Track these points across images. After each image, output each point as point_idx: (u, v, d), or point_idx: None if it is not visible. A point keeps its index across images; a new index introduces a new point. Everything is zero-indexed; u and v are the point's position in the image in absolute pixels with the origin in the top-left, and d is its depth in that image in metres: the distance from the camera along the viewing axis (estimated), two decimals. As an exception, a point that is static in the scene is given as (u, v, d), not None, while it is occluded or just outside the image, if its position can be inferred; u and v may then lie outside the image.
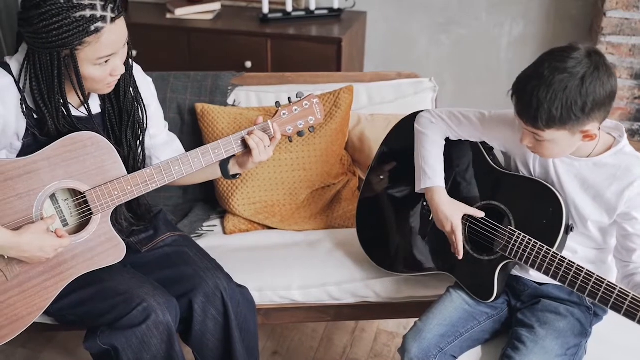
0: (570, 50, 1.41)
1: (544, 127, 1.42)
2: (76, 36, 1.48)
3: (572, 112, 1.38)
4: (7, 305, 1.63)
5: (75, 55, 1.51)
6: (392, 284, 1.95)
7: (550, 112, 1.39)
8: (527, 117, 1.43)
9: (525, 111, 1.43)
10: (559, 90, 1.37)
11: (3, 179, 1.59)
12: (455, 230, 1.65)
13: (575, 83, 1.37)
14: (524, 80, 1.43)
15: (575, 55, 1.39)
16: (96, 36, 1.49)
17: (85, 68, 1.55)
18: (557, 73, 1.38)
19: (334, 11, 3.22)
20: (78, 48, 1.50)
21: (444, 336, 1.63)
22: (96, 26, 1.48)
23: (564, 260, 1.51)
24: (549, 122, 1.40)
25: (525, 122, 1.45)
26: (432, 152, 1.71)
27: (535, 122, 1.41)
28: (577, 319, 1.61)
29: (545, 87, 1.38)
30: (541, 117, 1.40)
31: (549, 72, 1.39)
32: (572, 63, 1.38)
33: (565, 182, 1.58)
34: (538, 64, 1.43)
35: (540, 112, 1.39)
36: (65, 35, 1.47)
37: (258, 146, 1.75)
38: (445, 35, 3.30)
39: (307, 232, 2.16)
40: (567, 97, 1.37)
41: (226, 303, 1.81)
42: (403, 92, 2.35)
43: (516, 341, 1.58)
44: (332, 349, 2.41)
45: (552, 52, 1.44)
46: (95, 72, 1.56)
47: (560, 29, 3.13)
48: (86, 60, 1.53)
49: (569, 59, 1.39)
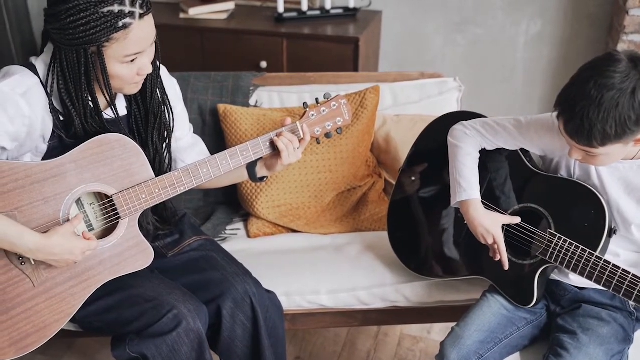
0: (613, 63, 1.35)
1: (598, 146, 1.38)
2: (104, 32, 1.44)
3: (626, 127, 1.34)
4: (34, 312, 1.58)
5: (102, 52, 1.47)
6: (422, 289, 1.92)
7: (605, 131, 1.34)
8: (579, 138, 1.38)
9: (577, 133, 1.38)
10: (611, 109, 1.32)
11: (30, 182, 1.55)
12: (498, 242, 1.61)
13: (627, 98, 1.32)
14: (571, 101, 1.37)
15: (620, 69, 1.34)
16: (124, 32, 1.45)
17: (112, 66, 1.51)
18: (605, 91, 1.33)
19: (349, 10, 3.18)
20: (105, 45, 1.46)
21: (483, 342, 1.59)
22: (124, 22, 1.44)
23: (608, 264, 1.48)
24: (604, 140, 1.36)
25: (577, 142, 1.40)
26: (466, 165, 1.67)
27: (590, 142, 1.37)
28: (620, 324, 1.58)
29: (596, 107, 1.33)
30: (595, 137, 1.36)
31: (597, 91, 1.33)
32: (619, 78, 1.33)
33: (608, 185, 1.54)
34: (582, 82, 1.37)
35: (594, 133, 1.35)
36: (92, 31, 1.43)
37: (287, 148, 1.71)
38: (461, 35, 3.26)
39: (333, 235, 2.12)
40: (620, 114, 1.32)
41: (255, 309, 1.77)
42: (428, 92, 2.31)
43: (558, 347, 1.54)
44: (356, 354, 2.37)
45: (595, 67, 1.37)
46: (122, 71, 1.52)
47: (578, 28, 3.10)
48: (113, 57, 1.49)
49: (615, 74, 1.33)
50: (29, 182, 1.55)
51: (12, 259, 1.54)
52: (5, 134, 1.52)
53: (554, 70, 3.23)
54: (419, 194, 1.91)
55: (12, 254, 1.53)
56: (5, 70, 1.58)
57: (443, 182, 1.80)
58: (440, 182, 1.82)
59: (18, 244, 1.47)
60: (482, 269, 1.73)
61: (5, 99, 1.51)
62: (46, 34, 1.62)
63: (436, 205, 1.85)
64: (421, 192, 1.90)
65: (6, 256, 1.54)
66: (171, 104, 1.77)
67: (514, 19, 3.16)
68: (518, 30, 3.18)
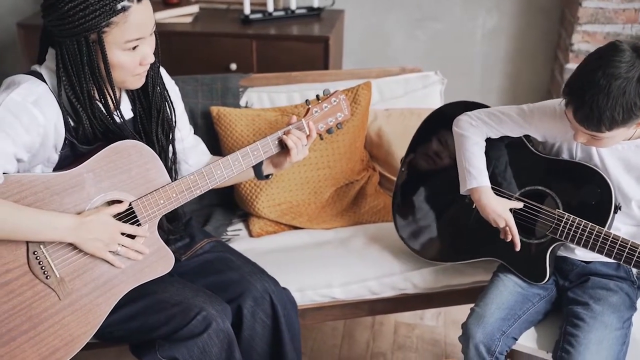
0: (618, 53, 1.45)
1: (606, 130, 1.49)
2: (103, 16, 1.43)
3: (632, 112, 1.45)
4: (61, 325, 1.55)
5: (102, 39, 1.46)
6: (429, 275, 1.99)
7: (613, 117, 1.45)
8: (588, 124, 1.49)
9: (587, 120, 1.48)
10: (619, 96, 1.43)
11: (49, 194, 1.52)
12: (510, 225, 1.70)
13: (633, 86, 1.43)
14: (580, 90, 1.48)
15: (625, 59, 1.44)
16: (123, 15, 1.45)
17: (114, 54, 1.49)
18: (613, 80, 1.43)
19: (313, 10, 3.23)
20: (105, 30, 1.45)
21: (505, 319, 1.68)
22: (123, 5, 1.44)
23: (617, 239, 1.59)
24: (612, 125, 1.47)
25: (586, 127, 1.51)
26: (475, 153, 1.75)
27: (599, 127, 1.48)
28: (625, 293, 1.70)
29: (605, 96, 1.44)
30: (604, 123, 1.47)
31: (605, 80, 1.44)
32: (625, 67, 1.44)
33: (609, 165, 1.66)
34: (591, 71, 1.47)
35: (603, 119, 1.46)
36: (91, 15, 1.42)
37: (297, 145, 1.75)
38: (422, 31, 3.37)
39: (336, 229, 2.17)
40: (627, 100, 1.44)
41: (275, 306, 1.79)
42: (412, 86, 2.39)
43: (574, 319, 1.64)
44: (356, 345, 2.42)
45: (601, 58, 1.48)
46: (124, 59, 1.51)
47: (532, 20, 3.27)
48: (114, 44, 1.48)
49: (622, 64, 1.44)
50: (49, 194, 1.52)
51: (37, 273, 1.50)
52: (22, 144, 1.49)
53: (511, 62, 3.38)
54: (423, 181, 1.98)
55: (36, 268, 1.50)
56: (9, 81, 1.55)
57: (447, 170, 1.88)
58: (445, 169, 1.90)
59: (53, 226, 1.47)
60: (493, 250, 1.81)
61: (18, 109, 1.48)
62: (43, 39, 1.60)
63: (442, 192, 1.93)
64: (426, 179, 1.98)
65: (30, 271, 1.50)
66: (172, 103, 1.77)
67: (471, 14, 3.29)
68: (475, 24, 3.32)
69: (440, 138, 1.93)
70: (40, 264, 1.51)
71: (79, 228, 1.51)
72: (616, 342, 1.59)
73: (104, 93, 1.56)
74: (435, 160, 1.96)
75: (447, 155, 1.91)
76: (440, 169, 1.94)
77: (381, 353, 2.38)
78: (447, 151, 1.90)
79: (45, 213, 1.48)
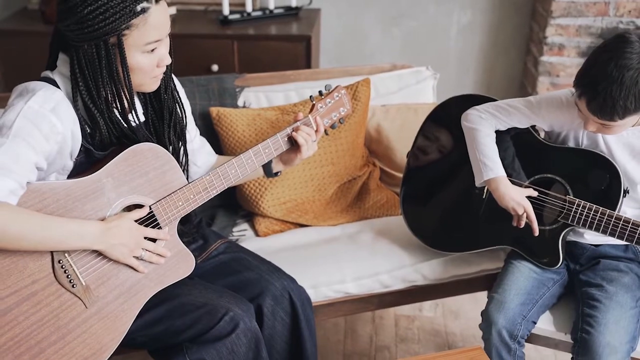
0: (628, 44, 1.52)
1: (619, 119, 1.56)
2: (123, 19, 1.41)
3: None
4: (89, 334, 1.52)
5: (122, 42, 1.44)
6: (439, 266, 2.03)
7: (626, 106, 1.52)
8: (602, 114, 1.56)
9: (601, 110, 1.55)
10: (632, 86, 1.50)
11: (71, 201, 1.49)
12: (528, 211, 1.76)
13: None
14: (593, 82, 1.54)
15: (636, 50, 1.51)
16: (143, 17, 1.43)
17: (133, 56, 1.48)
18: (625, 71, 1.50)
19: (291, 9, 3.24)
20: (125, 33, 1.44)
21: (524, 304, 1.73)
22: (142, 6, 1.42)
23: (628, 221, 1.66)
24: (625, 114, 1.54)
25: (599, 117, 1.57)
26: (487, 145, 1.79)
27: (612, 117, 1.55)
28: (635, 273, 1.77)
29: (618, 86, 1.50)
30: (617, 113, 1.54)
31: (618, 71, 1.50)
32: (637, 58, 1.50)
33: (615, 151, 1.73)
34: (602, 63, 1.53)
35: (617, 109, 1.53)
36: (112, 18, 1.41)
37: (307, 142, 1.75)
38: (397, 28, 3.42)
39: (342, 225, 2.18)
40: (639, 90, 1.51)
41: (294, 303, 1.80)
42: (405, 82, 2.43)
43: (590, 300, 1.71)
44: (359, 340, 2.44)
45: (612, 50, 1.54)
46: (143, 61, 1.49)
47: (504, 15, 3.36)
48: (134, 46, 1.46)
49: (632, 55, 1.51)
50: (70, 201, 1.49)
51: (63, 282, 1.47)
52: (42, 153, 1.45)
53: (485, 57, 3.47)
54: (431, 174, 2.02)
55: (62, 277, 1.46)
56: (22, 88, 1.51)
57: (454, 161, 1.92)
58: (451, 161, 1.94)
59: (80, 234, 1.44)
60: (507, 239, 1.87)
61: (37, 117, 1.44)
62: (54, 44, 1.56)
63: (451, 183, 1.97)
64: (433, 172, 2.01)
65: (56, 280, 1.47)
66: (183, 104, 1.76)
67: (445, 10, 3.36)
68: (450, 20, 3.39)
69: (447, 131, 1.97)
70: (65, 272, 1.47)
71: (105, 235, 1.49)
72: (632, 320, 1.66)
73: (120, 97, 1.54)
74: (442, 152, 2.00)
75: (454, 147, 1.95)
76: (447, 161, 1.98)
77: (385, 346, 2.41)
78: (454, 143, 1.94)
79: (71, 222, 1.45)
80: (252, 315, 1.69)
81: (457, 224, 1.97)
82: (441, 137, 2.00)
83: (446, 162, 1.99)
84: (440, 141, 2.00)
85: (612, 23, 3.04)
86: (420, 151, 2.04)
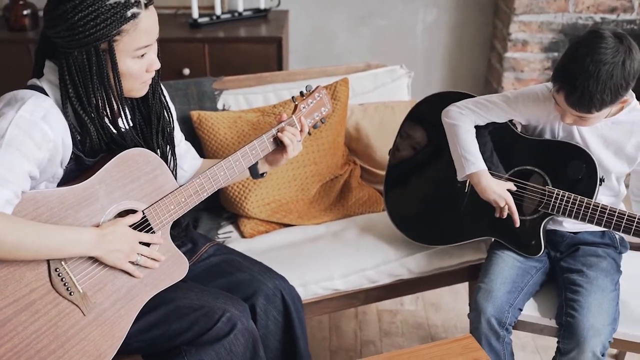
0: (602, 40, 1.60)
1: (595, 112, 1.64)
2: (114, 24, 1.42)
3: (619, 93, 1.62)
4: (88, 341, 1.52)
5: (113, 47, 1.45)
6: (423, 259, 2.08)
7: (603, 99, 1.60)
8: (580, 107, 1.63)
9: (579, 103, 1.62)
10: (607, 80, 1.58)
11: (64, 208, 1.49)
12: (509, 203, 1.82)
13: (619, 70, 1.59)
14: (571, 77, 1.61)
15: (610, 45, 1.59)
16: (133, 22, 1.44)
17: (124, 62, 1.48)
18: (601, 65, 1.58)
19: (260, 11, 3.26)
20: (116, 39, 1.44)
21: (511, 292, 1.79)
22: (132, 12, 1.43)
23: (605, 208, 1.74)
24: (601, 107, 1.63)
25: (578, 110, 1.65)
26: (468, 140, 1.85)
27: (589, 109, 1.63)
28: (612, 258, 1.85)
29: (594, 80, 1.58)
30: (595, 105, 1.62)
31: (594, 66, 1.58)
32: (611, 53, 1.59)
33: (590, 142, 1.80)
34: (579, 58, 1.61)
35: (594, 102, 1.61)
36: (102, 24, 1.41)
37: (292, 142, 1.78)
38: (365, 27, 3.47)
39: (326, 224, 2.21)
40: (615, 83, 1.59)
41: (287, 301, 1.83)
42: (381, 81, 2.48)
43: (572, 285, 1.78)
44: (344, 336, 2.48)
45: (588, 45, 1.61)
46: (133, 66, 1.50)
47: (468, 13, 3.44)
48: (124, 52, 1.47)
49: (607, 50, 1.59)
50: (64, 209, 1.49)
51: (60, 290, 1.47)
52: (34, 161, 1.44)
53: (450, 54, 3.55)
54: (413, 169, 2.07)
55: (59, 285, 1.46)
56: (10, 96, 1.50)
57: (436, 156, 1.98)
58: (433, 156, 1.99)
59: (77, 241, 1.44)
60: (490, 230, 1.93)
61: (28, 126, 1.44)
62: (40, 51, 1.55)
63: (433, 178, 2.02)
64: (415, 167, 2.06)
65: (53, 289, 1.46)
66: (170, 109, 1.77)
67: (412, 9, 3.43)
68: (416, 19, 3.46)
69: (427, 127, 2.02)
70: (62, 280, 1.47)
71: (101, 241, 1.49)
72: (612, 302, 1.74)
73: (111, 103, 1.54)
74: (423, 148, 2.05)
75: (435, 143, 2.00)
76: (428, 157, 2.04)
77: (370, 341, 2.45)
78: (436, 139, 1.99)
79: (67, 229, 1.45)
80: (249, 315, 1.71)
81: (440, 218, 2.02)
82: (422, 133, 2.05)
83: (428, 158, 2.04)
84: (421, 137, 2.05)
85: (572, 19, 3.15)
86: (402, 148, 2.09)
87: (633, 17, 3.13)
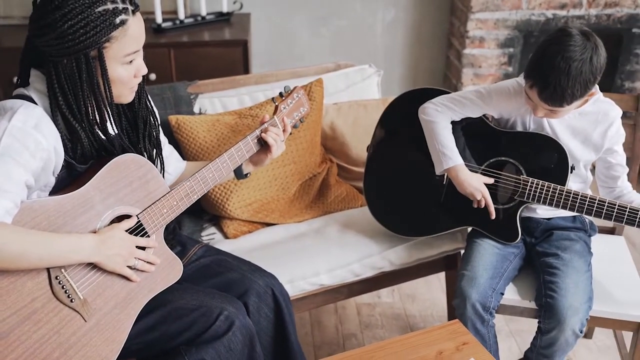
0: (570, 38, 1.70)
1: (566, 105, 1.74)
2: (103, 32, 1.44)
3: (588, 87, 1.73)
4: (90, 347, 1.53)
5: (102, 54, 1.47)
6: (403, 251, 2.15)
7: (573, 94, 1.71)
8: (553, 102, 1.74)
9: (551, 98, 1.73)
10: (577, 75, 1.69)
11: (62, 216, 1.50)
12: (485, 196, 1.92)
13: (587, 66, 1.70)
14: (543, 74, 1.71)
15: (578, 43, 1.70)
16: (122, 29, 1.46)
17: (113, 69, 1.50)
18: (571, 62, 1.68)
19: (223, 15, 3.28)
20: (105, 46, 1.46)
21: (493, 278, 1.88)
22: (121, 18, 1.45)
23: (577, 194, 1.85)
24: (572, 100, 1.74)
25: (550, 105, 1.75)
26: (445, 136, 1.93)
27: (561, 104, 1.74)
28: (584, 241, 1.97)
29: (565, 76, 1.69)
30: (566, 100, 1.72)
31: (565, 63, 1.68)
32: (579, 50, 1.69)
33: (559, 133, 1.91)
34: (550, 55, 1.70)
35: (565, 96, 1.71)
36: (92, 32, 1.43)
37: (276, 141, 1.83)
38: (326, 28, 3.54)
39: (308, 221, 2.26)
40: (584, 78, 1.70)
41: (278, 298, 1.87)
42: (352, 80, 2.54)
43: (549, 268, 1.88)
44: (326, 330, 2.53)
45: (558, 43, 1.71)
46: (122, 73, 1.52)
47: (425, 12, 3.55)
48: (114, 58, 1.49)
49: (576, 47, 1.69)
50: (61, 217, 1.50)
51: (61, 298, 1.47)
52: (30, 171, 1.45)
53: (409, 52, 3.64)
54: (392, 164, 2.13)
55: (60, 293, 1.47)
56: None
57: (414, 151, 2.05)
58: (411, 151, 2.07)
59: (78, 248, 1.46)
60: (468, 220, 2.01)
61: (22, 135, 1.44)
62: (25, 61, 1.56)
63: (411, 172, 2.09)
64: (394, 161, 2.13)
65: (55, 297, 1.47)
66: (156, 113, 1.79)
67: (370, 9, 3.51)
68: (375, 19, 3.54)
69: (404, 123, 2.09)
70: (63, 288, 1.48)
71: (101, 247, 1.50)
72: (587, 282, 1.85)
73: (101, 109, 1.55)
74: (401, 143, 2.12)
75: (413, 138, 2.07)
76: (406, 152, 2.11)
77: (352, 334, 2.52)
78: (413, 134, 2.06)
79: (67, 237, 1.46)
80: (244, 312, 1.75)
81: (420, 209, 2.10)
82: (399, 129, 2.12)
83: (406, 153, 2.12)
84: (399, 133, 2.13)
85: (526, 15, 3.28)
86: (380, 144, 2.15)
87: (582, 13, 3.29)
